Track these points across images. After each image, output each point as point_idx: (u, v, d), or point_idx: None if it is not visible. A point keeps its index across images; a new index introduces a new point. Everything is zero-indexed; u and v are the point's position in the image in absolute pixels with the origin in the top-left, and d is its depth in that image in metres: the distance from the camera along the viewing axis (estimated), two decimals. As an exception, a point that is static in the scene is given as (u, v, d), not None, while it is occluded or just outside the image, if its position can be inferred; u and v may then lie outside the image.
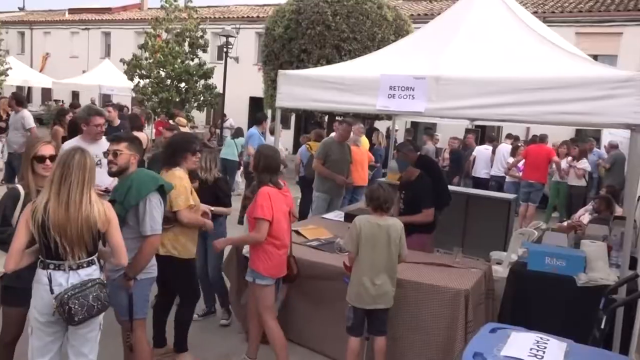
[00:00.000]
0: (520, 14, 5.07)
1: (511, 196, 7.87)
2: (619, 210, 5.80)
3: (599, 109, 3.65)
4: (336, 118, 12.41)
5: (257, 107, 19.35)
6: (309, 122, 19.39)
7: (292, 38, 13.07)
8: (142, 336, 3.45)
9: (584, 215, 6.33)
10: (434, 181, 5.27)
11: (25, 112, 8.19)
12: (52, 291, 2.66)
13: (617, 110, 3.58)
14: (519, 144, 11.11)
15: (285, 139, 16.90)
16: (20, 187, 3.11)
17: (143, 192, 3.25)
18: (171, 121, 12.75)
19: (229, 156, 10.70)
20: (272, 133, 8.14)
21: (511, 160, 10.24)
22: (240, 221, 7.89)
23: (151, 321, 3.85)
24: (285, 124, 20.66)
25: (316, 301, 4.36)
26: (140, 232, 3.26)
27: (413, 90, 4.36)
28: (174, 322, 4.04)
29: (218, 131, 16.76)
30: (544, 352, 2.44)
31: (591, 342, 2.85)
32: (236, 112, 20.87)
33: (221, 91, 17.04)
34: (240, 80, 20.60)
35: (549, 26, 5.92)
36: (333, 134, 8.03)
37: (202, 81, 18.08)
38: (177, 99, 17.45)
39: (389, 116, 10.33)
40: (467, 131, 11.73)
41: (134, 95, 19.03)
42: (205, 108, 19.47)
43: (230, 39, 16.92)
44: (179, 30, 17.85)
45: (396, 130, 9.32)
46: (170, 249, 3.75)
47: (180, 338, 4.00)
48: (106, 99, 20.79)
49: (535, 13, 15.20)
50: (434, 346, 3.86)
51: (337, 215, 6.16)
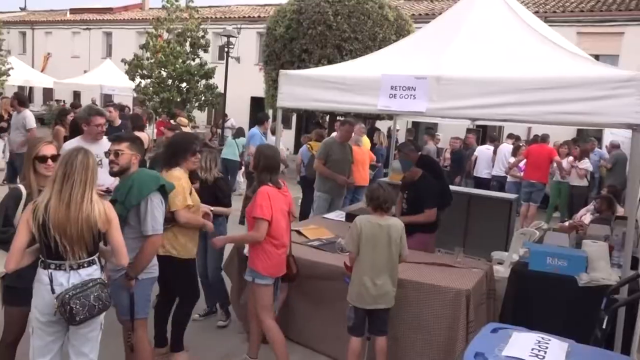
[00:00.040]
0: (522, 13, 5.07)
1: (512, 196, 7.87)
2: (620, 210, 5.79)
3: (600, 108, 3.65)
4: (337, 118, 12.42)
5: (258, 107, 19.35)
6: (310, 122, 19.39)
7: (293, 38, 13.07)
8: (143, 336, 3.45)
9: (585, 215, 6.32)
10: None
11: (27, 112, 8.19)
12: (53, 291, 2.66)
13: (619, 110, 3.58)
14: (521, 144, 11.11)
15: (286, 138, 16.92)
16: (22, 187, 3.11)
17: (144, 191, 3.26)
18: (172, 121, 12.76)
19: (230, 156, 10.70)
20: (274, 133, 8.13)
21: (512, 160, 10.23)
22: (241, 221, 7.89)
23: (152, 321, 3.84)
24: (287, 124, 20.67)
25: (317, 301, 4.36)
26: (141, 232, 3.27)
27: (414, 90, 4.36)
28: (171, 321, 4.03)
29: (219, 131, 16.78)
30: (545, 352, 2.44)
31: (593, 342, 2.85)
32: (237, 112, 20.89)
33: (222, 91, 17.07)
34: (242, 80, 20.61)
35: (550, 26, 5.92)
36: (334, 133, 8.03)
37: (204, 81, 18.12)
38: (178, 99, 17.49)
39: (390, 116, 10.32)
40: (468, 131, 11.73)
41: (135, 95, 19.09)
42: (207, 108, 19.52)
43: (231, 39, 16.94)
44: (180, 30, 17.89)
45: (397, 130, 9.32)
46: (169, 249, 3.74)
47: (176, 337, 3.99)
48: (107, 99, 20.83)
49: (536, 13, 15.18)
50: (435, 346, 3.86)
51: (338, 215, 6.16)
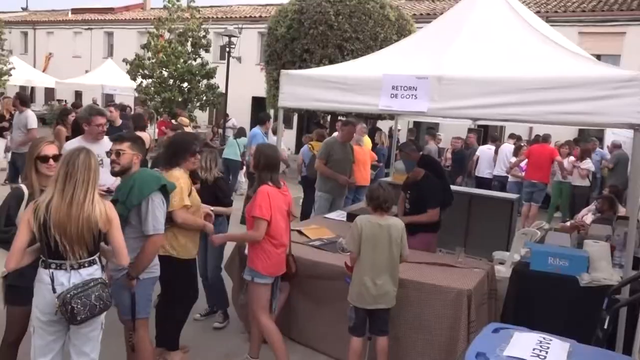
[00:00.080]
0: (523, 13, 5.06)
1: (514, 196, 7.86)
2: (622, 210, 5.78)
3: (602, 108, 3.64)
4: (339, 118, 12.42)
5: (259, 107, 19.35)
6: (311, 122, 19.39)
7: (295, 38, 13.07)
8: (145, 335, 3.46)
9: (586, 215, 6.31)
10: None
11: (29, 112, 8.18)
12: (54, 290, 2.66)
13: (620, 110, 3.57)
14: (522, 144, 11.11)
15: (287, 138, 16.93)
16: (24, 187, 3.12)
17: (145, 191, 3.26)
18: (174, 121, 12.77)
19: (231, 156, 10.70)
20: (275, 133, 8.14)
21: (514, 160, 10.22)
22: (242, 221, 7.88)
23: (154, 321, 3.84)
24: (288, 123, 20.67)
25: (318, 301, 4.36)
26: (142, 232, 3.27)
27: (415, 90, 4.36)
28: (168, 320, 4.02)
29: (220, 131, 16.79)
30: (546, 353, 2.43)
31: (594, 343, 2.85)
32: (238, 112, 20.89)
33: (224, 91, 17.07)
34: (243, 80, 20.61)
35: (551, 26, 5.92)
36: (336, 133, 8.03)
37: (205, 81, 18.12)
38: (179, 99, 17.49)
39: (392, 116, 10.34)
40: (469, 131, 11.73)
41: (136, 95, 19.09)
42: (208, 108, 19.53)
43: (232, 38, 16.93)
44: (181, 30, 17.89)
45: (399, 130, 9.31)
46: (168, 249, 3.73)
47: (172, 336, 3.99)
48: (109, 98, 20.85)
49: (538, 13, 15.16)
50: (436, 346, 3.86)
51: (339, 215, 6.16)
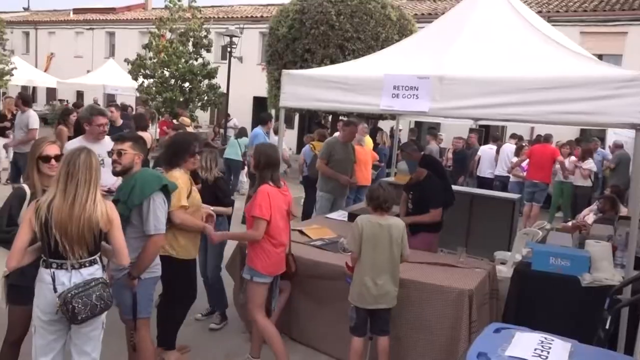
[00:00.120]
0: (525, 13, 5.06)
1: (515, 196, 7.86)
2: (623, 210, 5.78)
3: (603, 108, 3.64)
4: (340, 118, 12.41)
5: (260, 107, 19.35)
6: (312, 122, 19.38)
7: (296, 38, 13.07)
8: (146, 335, 3.46)
9: (588, 215, 6.31)
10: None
11: (30, 112, 8.19)
12: (55, 290, 2.67)
13: (622, 110, 3.57)
14: (523, 144, 11.09)
15: (289, 138, 16.90)
16: (26, 187, 3.12)
17: (147, 191, 3.26)
18: (175, 121, 12.77)
19: (232, 156, 10.70)
20: (276, 133, 8.13)
21: (515, 160, 10.21)
22: (244, 221, 7.88)
23: (155, 320, 3.84)
24: (289, 123, 20.68)
25: (319, 300, 4.36)
26: (144, 232, 3.27)
27: (417, 90, 4.36)
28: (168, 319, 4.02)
29: (222, 131, 16.80)
30: (548, 353, 2.43)
31: (596, 343, 2.85)
32: (240, 112, 20.91)
33: (225, 91, 17.09)
34: (244, 80, 20.61)
35: (553, 25, 5.92)
36: (337, 133, 8.02)
37: (206, 81, 18.13)
38: (181, 99, 17.51)
39: (393, 116, 10.33)
40: (470, 131, 11.73)
41: (138, 95, 19.11)
42: (209, 108, 19.53)
43: (234, 38, 16.94)
44: (182, 30, 17.90)
45: (400, 130, 9.31)
46: (168, 249, 3.72)
47: (170, 336, 3.98)
48: (110, 98, 20.84)
49: (539, 12, 15.11)
50: (437, 346, 3.86)
51: (340, 215, 6.16)
